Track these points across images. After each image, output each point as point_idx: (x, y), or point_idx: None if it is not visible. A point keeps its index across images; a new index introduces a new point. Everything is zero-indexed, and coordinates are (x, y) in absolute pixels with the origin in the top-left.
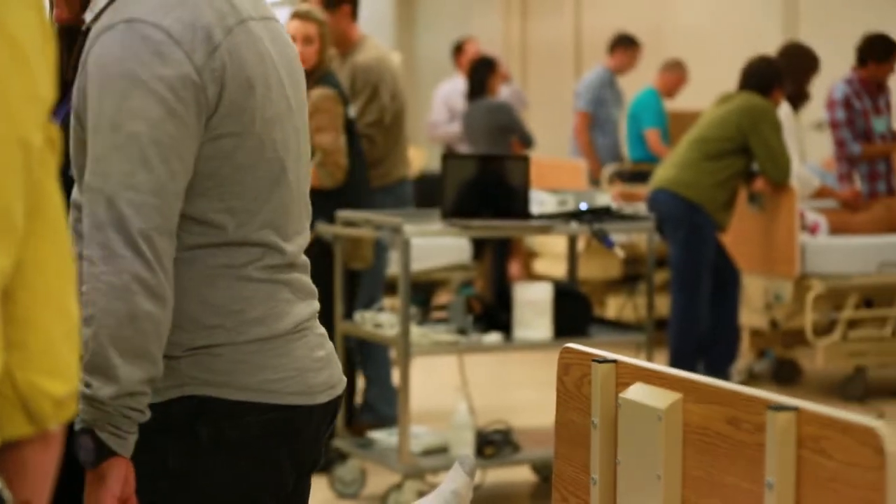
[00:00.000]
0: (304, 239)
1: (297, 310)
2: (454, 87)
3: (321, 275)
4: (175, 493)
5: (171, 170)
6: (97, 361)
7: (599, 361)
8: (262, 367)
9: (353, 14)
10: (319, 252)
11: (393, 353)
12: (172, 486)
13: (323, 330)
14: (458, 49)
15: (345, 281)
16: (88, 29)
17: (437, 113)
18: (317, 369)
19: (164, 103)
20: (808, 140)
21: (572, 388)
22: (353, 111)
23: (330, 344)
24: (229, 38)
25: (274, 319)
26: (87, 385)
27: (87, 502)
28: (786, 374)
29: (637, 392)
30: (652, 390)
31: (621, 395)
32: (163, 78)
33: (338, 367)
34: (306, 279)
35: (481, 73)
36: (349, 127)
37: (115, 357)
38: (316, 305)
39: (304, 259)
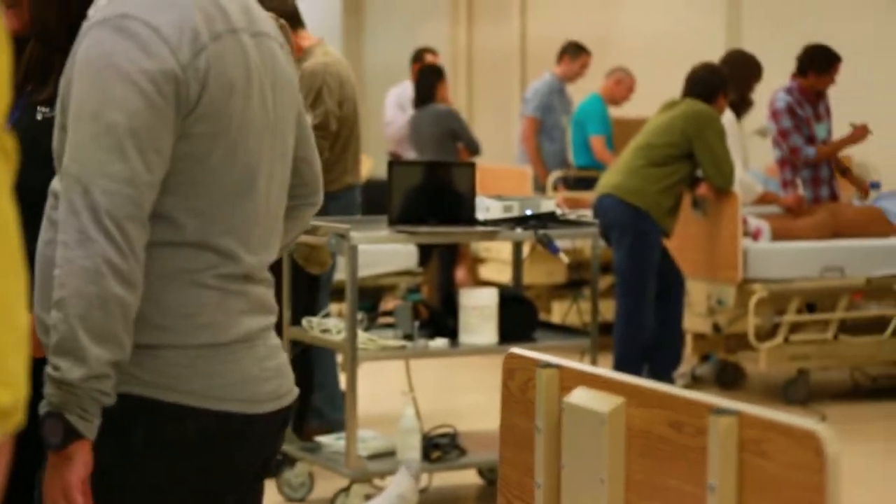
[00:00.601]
0: (270, 256)
1: (248, 321)
2: (405, 90)
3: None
4: (107, 490)
5: (146, 161)
6: (67, 344)
7: (543, 366)
8: (206, 373)
9: (295, 23)
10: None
11: (340, 358)
12: (104, 484)
13: (277, 342)
14: (417, 58)
15: (303, 287)
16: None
17: (391, 113)
18: (264, 379)
19: (144, 95)
20: (751, 146)
21: (517, 393)
22: (310, 119)
23: (284, 356)
24: (216, 42)
25: (222, 327)
26: (56, 368)
27: (48, 485)
28: (729, 378)
29: (580, 396)
30: (595, 395)
31: (565, 399)
32: (146, 71)
33: (289, 378)
34: (266, 295)
35: (429, 80)
36: None
37: (85, 339)
38: (272, 320)
39: (268, 275)
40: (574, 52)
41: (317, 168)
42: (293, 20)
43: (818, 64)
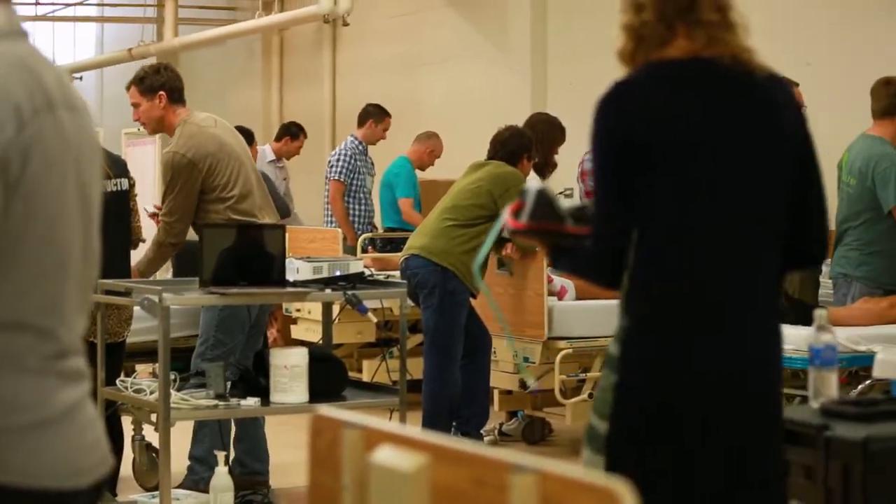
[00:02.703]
0: (85, 326)
1: (67, 394)
2: None
3: None
4: None
5: None
6: None
7: (349, 426)
8: (29, 452)
9: (172, 99)
10: None
11: (153, 418)
12: None
13: (93, 409)
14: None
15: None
16: None
17: None
18: (84, 452)
19: None
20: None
21: (324, 452)
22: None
23: (101, 423)
24: (37, 118)
25: (43, 406)
26: None
27: None
28: (536, 434)
29: (385, 455)
30: (400, 453)
31: (370, 458)
32: None
33: (106, 447)
34: (82, 363)
35: None
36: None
37: None
38: (87, 387)
39: (82, 345)
40: (378, 116)
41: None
42: (175, 95)
43: None
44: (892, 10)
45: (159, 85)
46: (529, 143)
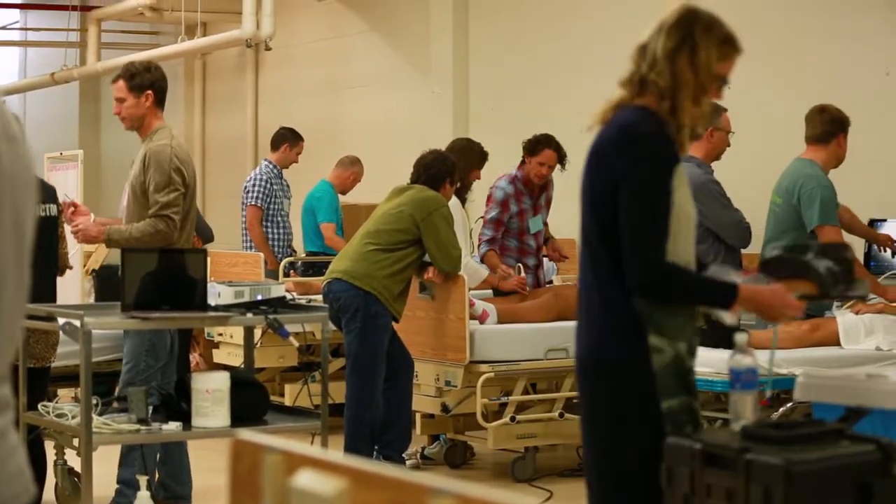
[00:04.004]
0: (12, 355)
1: None
2: None
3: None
4: None
5: None
6: None
7: (269, 451)
8: None
9: (158, 100)
10: None
11: (75, 443)
12: None
13: (16, 437)
14: None
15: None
16: None
17: (126, 200)
18: (7, 480)
19: None
20: (476, 232)
21: (245, 477)
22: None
23: (23, 451)
24: None
25: None
26: None
27: None
28: (458, 457)
29: (306, 480)
30: (321, 478)
31: (291, 482)
32: None
33: (29, 473)
34: (5, 391)
35: None
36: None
37: None
38: (11, 416)
39: (7, 372)
40: (293, 140)
41: None
42: (161, 96)
43: (529, 149)
44: None
45: (149, 83)
46: (452, 167)
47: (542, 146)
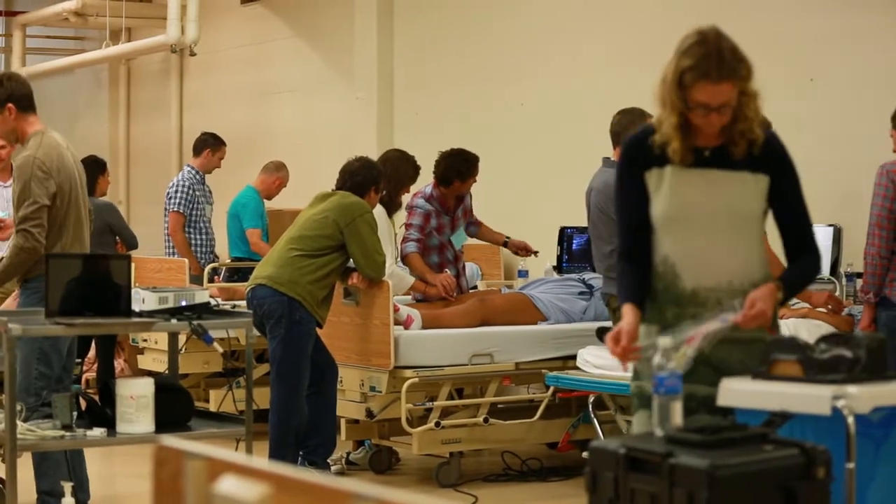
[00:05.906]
0: None
1: None
2: None
3: None
4: None
5: None
6: None
7: (191, 457)
8: None
9: (22, 107)
10: None
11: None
12: None
13: None
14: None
15: None
16: None
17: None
18: None
19: None
20: (400, 239)
21: (167, 483)
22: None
23: None
24: None
25: None
26: None
27: None
28: (383, 463)
29: (228, 486)
30: (243, 483)
31: (213, 488)
32: None
33: None
34: None
35: (91, 173)
36: None
37: None
38: None
39: None
40: (214, 145)
41: None
42: (24, 102)
43: (461, 173)
44: None
45: (6, 97)
46: (378, 175)
47: (476, 161)
